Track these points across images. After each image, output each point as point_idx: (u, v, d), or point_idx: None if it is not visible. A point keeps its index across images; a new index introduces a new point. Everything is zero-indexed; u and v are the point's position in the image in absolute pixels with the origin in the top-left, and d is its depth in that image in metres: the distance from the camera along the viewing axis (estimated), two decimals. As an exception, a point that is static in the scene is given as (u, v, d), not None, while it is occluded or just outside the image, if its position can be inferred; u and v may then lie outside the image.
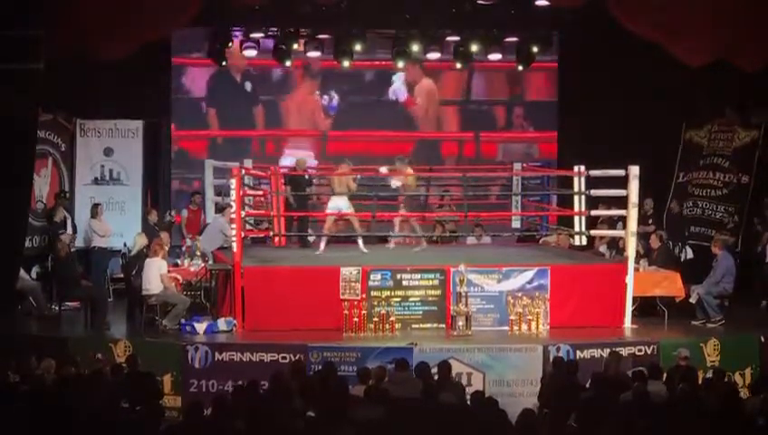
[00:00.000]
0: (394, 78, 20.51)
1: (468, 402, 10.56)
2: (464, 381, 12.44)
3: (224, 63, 19.26)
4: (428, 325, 14.35)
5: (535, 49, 19.41)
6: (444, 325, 14.33)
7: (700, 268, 15.96)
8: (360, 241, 15.97)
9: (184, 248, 16.59)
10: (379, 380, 11.01)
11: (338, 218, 16.01)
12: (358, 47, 18.98)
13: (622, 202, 15.00)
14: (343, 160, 16.42)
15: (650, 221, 17.38)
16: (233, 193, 14.46)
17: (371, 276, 14.30)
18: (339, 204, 15.74)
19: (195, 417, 9.31)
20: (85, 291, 15.40)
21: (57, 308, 15.41)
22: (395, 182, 16.19)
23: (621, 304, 14.61)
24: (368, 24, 18.90)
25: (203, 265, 15.30)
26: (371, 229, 16.26)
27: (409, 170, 16.26)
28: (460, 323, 13.97)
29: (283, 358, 12.84)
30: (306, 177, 16.96)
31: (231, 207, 14.62)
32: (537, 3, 17.49)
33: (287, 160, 19.73)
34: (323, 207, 16.29)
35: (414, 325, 14.31)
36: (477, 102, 20.92)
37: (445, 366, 11.61)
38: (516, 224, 18.77)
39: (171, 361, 13.13)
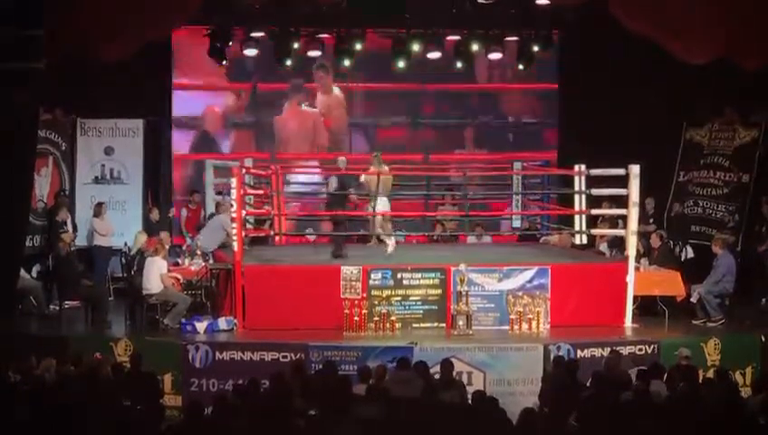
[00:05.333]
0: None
1: (469, 401, 10.56)
2: (464, 381, 12.45)
3: (224, 63, 19.21)
4: (429, 324, 14.36)
5: (536, 48, 19.40)
6: (444, 324, 14.34)
7: (701, 267, 15.95)
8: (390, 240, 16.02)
9: (184, 247, 16.59)
10: (380, 379, 11.02)
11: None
12: (358, 46, 18.98)
13: (623, 201, 15.00)
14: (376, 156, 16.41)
15: (651, 220, 17.38)
16: (233, 192, 14.47)
17: (372, 275, 14.30)
18: (385, 203, 15.82)
19: (195, 416, 9.31)
20: (86, 290, 15.42)
21: (58, 307, 15.43)
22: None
23: (622, 304, 14.61)
24: (368, 23, 18.89)
25: (203, 264, 15.29)
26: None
27: (386, 168, 16.18)
28: (461, 323, 13.98)
29: (284, 357, 12.85)
30: None
31: (231, 206, 14.63)
32: (537, 2, 17.47)
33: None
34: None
35: (414, 324, 14.32)
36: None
37: (447, 365, 11.60)
38: (517, 223, 18.79)
39: (172, 360, 13.14)
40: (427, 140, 20.49)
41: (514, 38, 19.42)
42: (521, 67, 19.81)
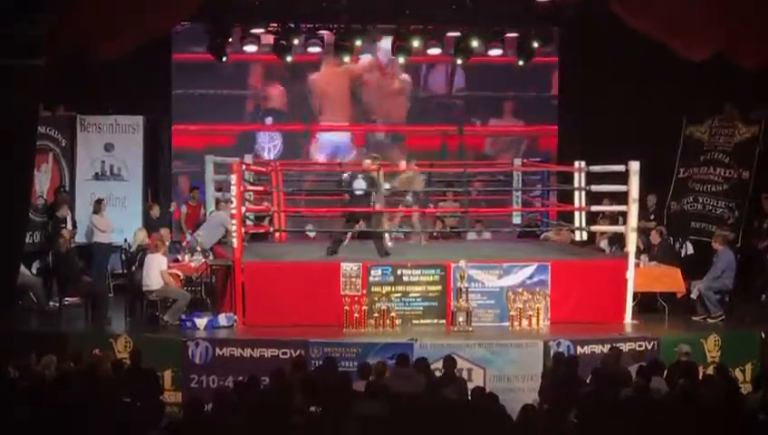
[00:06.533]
0: None
1: (469, 398, 10.56)
2: (464, 377, 12.45)
3: (224, 59, 19.20)
4: (429, 321, 14.35)
5: (536, 44, 19.40)
6: (444, 321, 14.33)
7: (701, 264, 15.96)
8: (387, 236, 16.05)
9: (184, 244, 16.59)
10: (380, 375, 11.02)
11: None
12: (358, 42, 18.99)
13: (623, 198, 14.99)
14: (411, 157, 16.46)
15: (652, 217, 17.38)
16: (233, 189, 14.46)
17: (372, 272, 14.30)
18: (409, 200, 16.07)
19: (195, 413, 9.31)
20: (86, 286, 15.42)
21: (57, 304, 15.43)
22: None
23: (622, 300, 14.60)
24: (368, 19, 18.89)
25: (203, 260, 15.29)
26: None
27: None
28: (461, 319, 13.98)
29: (284, 353, 12.86)
30: None
31: (231, 202, 14.63)
32: (538, -2, 17.52)
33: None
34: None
35: (414, 321, 14.31)
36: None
37: (450, 361, 11.62)
38: (517, 220, 18.77)
39: (172, 356, 13.13)
40: (464, 107, 20.72)
41: (515, 34, 19.43)
42: (520, 63, 19.82)
